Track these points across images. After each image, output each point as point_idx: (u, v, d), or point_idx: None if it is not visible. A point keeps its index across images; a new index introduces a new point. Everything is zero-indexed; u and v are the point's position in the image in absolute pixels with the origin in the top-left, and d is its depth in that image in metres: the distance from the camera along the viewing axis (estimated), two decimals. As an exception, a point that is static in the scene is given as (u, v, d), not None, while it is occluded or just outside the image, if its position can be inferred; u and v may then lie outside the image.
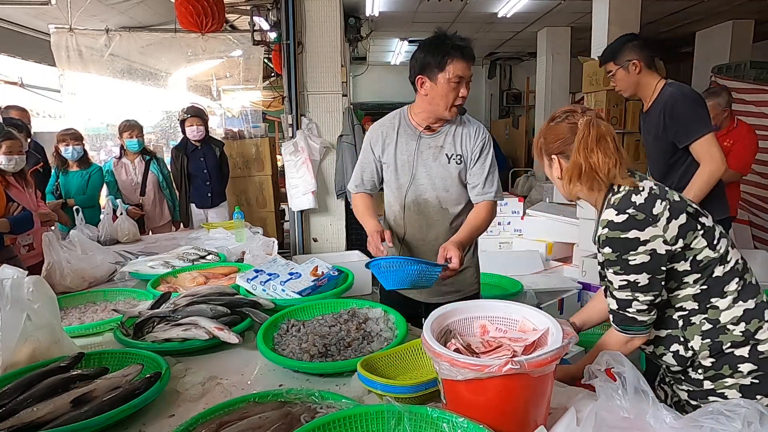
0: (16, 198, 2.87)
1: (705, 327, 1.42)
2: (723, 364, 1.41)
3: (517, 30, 8.95)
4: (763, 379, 1.39)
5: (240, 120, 5.80)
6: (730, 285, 1.42)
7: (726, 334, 1.40)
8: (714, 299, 1.42)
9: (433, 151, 2.03)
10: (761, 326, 1.40)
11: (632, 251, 1.35)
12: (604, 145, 1.41)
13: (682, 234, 1.38)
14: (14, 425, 1.13)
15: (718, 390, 1.43)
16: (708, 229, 1.42)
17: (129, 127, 4.22)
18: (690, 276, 1.42)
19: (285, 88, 4.78)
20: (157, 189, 4.38)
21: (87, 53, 5.12)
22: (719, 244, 1.42)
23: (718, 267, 1.42)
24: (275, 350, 1.54)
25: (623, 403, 1.04)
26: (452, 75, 1.87)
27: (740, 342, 1.40)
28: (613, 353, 1.12)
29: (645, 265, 1.35)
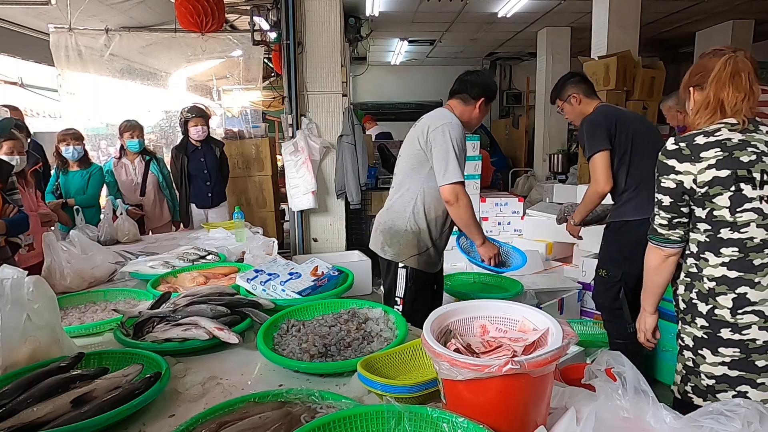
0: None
1: (691, 269, 1.64)
2: (688, 312, 1.65)
3: (517, 30, 8.95)
4: (710, 336, 1.59)
5: (240, 120, 5.79)
6: (728, 250, 1.55)
7: (700, 282, 1.61)
8: (708, 253, 1.59)
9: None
10: (726, 294, 1.56)
11: (665, 175, 1.59)
12: (736, 81, 1.54)
13: (713, 184, 1.52)
14: (14, 425, 1.12)
15: (681, 333, 1.69)
16: (745, 198, 1.51)
17: (130, 127, 4.22)
18: (702, 224, 1.59)
19: (285, 88, 4.78)
20: (157, 189, 4.38)
21: (86, 53, 5.11)
22: (742, 215, 1.52)
23: (727, 230, 1.54)
24: (275, 350, 1.54)
25: (623, 403, 1.04)
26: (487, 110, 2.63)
27: (704, 296, 1.60)
28: (613, 353, 1.12)
29: (670, 189, 1.59)
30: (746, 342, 1.54)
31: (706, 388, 1.62)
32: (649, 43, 8.93)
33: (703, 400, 1.63)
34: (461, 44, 10.11)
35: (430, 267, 2.55)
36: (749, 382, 1.56)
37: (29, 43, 5.58)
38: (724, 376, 1.58)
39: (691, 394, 1.67)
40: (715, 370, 1.59)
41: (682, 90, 1.74)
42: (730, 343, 1.56)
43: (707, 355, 1.60)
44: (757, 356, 1.54)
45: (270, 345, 1.57)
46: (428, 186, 2.45)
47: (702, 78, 1.62)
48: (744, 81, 1.54)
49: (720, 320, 1.57)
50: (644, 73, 5.30)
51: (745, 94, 1.54)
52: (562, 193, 4.98)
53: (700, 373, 1.63)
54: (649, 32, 8.32)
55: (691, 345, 1.64)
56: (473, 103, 2.51)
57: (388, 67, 12.01)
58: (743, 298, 1.54)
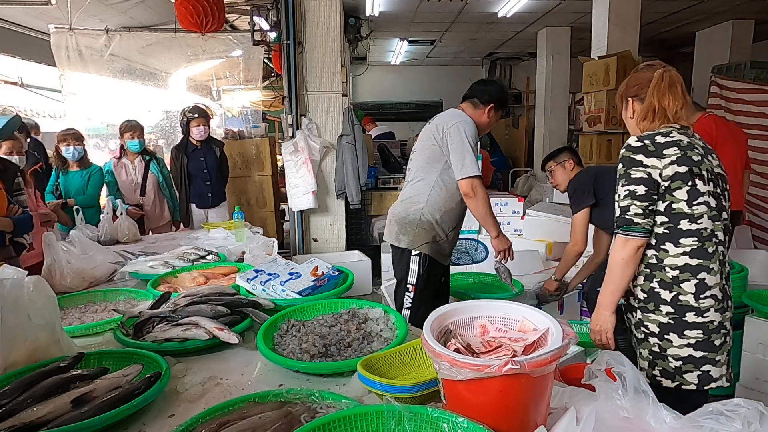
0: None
1: (651, 261, 1.76)
2: (650, 300, 1.76)
3: (517, 30, 8.95)
4: (676, 321, 1.72)
5: (240, 120, 5.79)
6: (687, 240, 1.71)
7: (661, 272, 1.74)
8: (668, 244, 1.73)
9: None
10: (689, 280, 1.70)
11: (634, 167, 1.71)
12: (674, 91, 1.73)
13: (673, 179, 1.68)
14: (14, 425, 1.13)
15: (645, 322, 1.78)
16: (698, 192, 1.69)
17: (130, 127, 4.21)
18: (661, 216, 1.73)
19: (285, 88, 4.78)
20: (157, 189, 4.37)
21: (87, 53, 5.11)
22: (697, 208, 1.69)
23: (685, 222, 1.70)
24: (275, 350, 1.54)
25: (623, 403, 1.04)
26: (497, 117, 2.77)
27: (667, 284, 1.73)
28: (613, 353, 1.12)
29: (642, 179, 1.70)
30: (707, 324, 1.71)
31: (674, 369, 1.75)
32: (649, 43, 8.94)
33: (672, 381, 1.76)
34: (461, 44, 10.11)
35: (441, 258, 2.68)
36: (710, 361, 1.72)
37: (29, 43, 5.58)
38: (689, 357, 1.73)
39: (659, 378, 1.78)
40: (681, 352, 1.73)
41: (619, 99, 1.91)
42: (695, 326, 1.71)
43: (674, 339, 1.73)
44: (715, 336, 1.72)
45: (270, 345, 1.57)
46: (442, 179, 2.59)
47: (639, 89, 1.80)
48: (680, 91, 1.74)
49: (685, 305, 1.72)
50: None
51: (683, 102, 1.74)
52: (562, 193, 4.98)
53: (667, 357, 1.76)
54: (649, 32, 8.33)
55: (657, 331, 1.76)
56: (482, 108, 2.66)
57: (388, 67, 12.02)
58: (703, 283, 1.70)
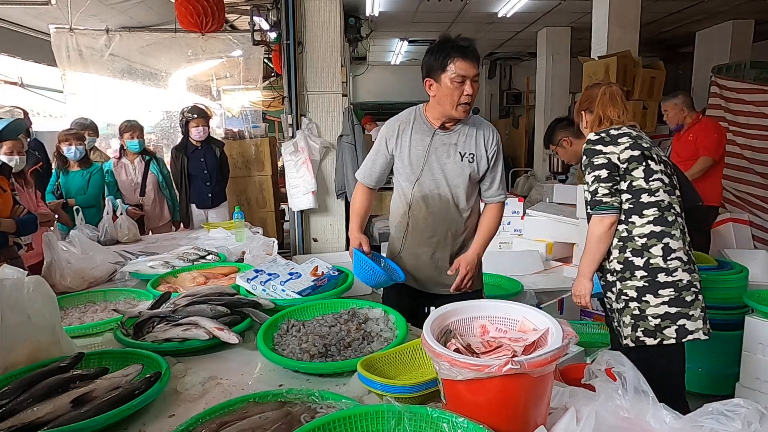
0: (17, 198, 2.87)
1: (623, 234, 2.07)
2: (626, 269, 2.06)
3: (517, 30, 8.95)
4: (651, 282, 2.01)
5: (240, 120, 5.79)
6: (649, 210, 2.03)
7: (632, 242, 2.05)
8: (634, 216, 2.05)
9: (447, 149, 2.09)
10: (656, 245, 2.02)
11: (595, 156, 2.08)
12: (614, 102, 2.18)
13: (630, 161, 2.05)
14: (14, 425, 1.12)
15: (624, 290, 2.06)
16: (652, 171, 2.06)
17: (130, 127, 4.22)
18: (625, 194, 2.07)
19: (285, 88, 4.78)
20: (157, 189, 4.37)
21: (87, 53, 5.11)
22: (653, 183, 2.05)
23: (645, 195, 2.04)
24: (275, 350, 1.54)
25: (623, 403, 1.04)
26: (455, 74, 1.94)
27: (638, 251, 2.04)
28: (613, 353, 1.12)
29: (604, 164, 2.06)
30: (677, 282, 2.00)
31: (654, 327, 2.02)
32: (649, 43, 8.93)
33: (654, 339, 2.02)
34: (461, 44, 10.10)
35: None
36: (684, 316, 2.00)
37: (29, 43, 5.58)
38: (666, 314, 2.00)
39: (643, 338, 2.04)
40: (658, 310, 2.01)
41: (576, 114, 2.36)
42: (666, 285, 2.00)
43: (650, 299, 2.01)
44: (686, 293, 2.00)
45: (270, 345, 1.57)
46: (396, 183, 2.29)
47: (590, 103, 2.24)
48: (620, 101, 2.17)
49: (656, 267, 2.01)
50: (644, 73, 5.29)
51: (623, 110, 2.17)
52: (562, 193, 4.98)
53: (647, 317, 2.02)
54: (649, 32, 8.32)
55: (635, 296, 2.04)
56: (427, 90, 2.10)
57: (388, 67, 12.01)
58: (668, 247, 2.01)
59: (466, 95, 1.96)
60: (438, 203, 2.11)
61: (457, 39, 1.98)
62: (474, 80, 1.98)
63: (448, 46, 1.96)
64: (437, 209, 2.12)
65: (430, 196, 2.11)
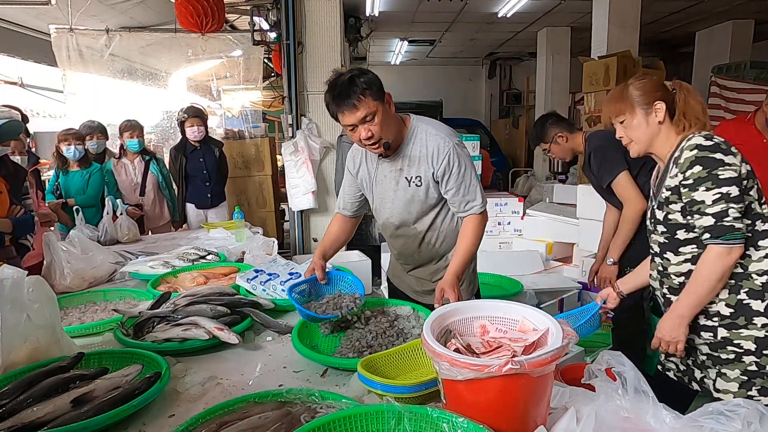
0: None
1: (736, 269, 1.58)
2: (739, 315, 1.58)
3: (517, 30, 8.95)
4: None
5: (240, 120, 5.78)
6: (764, 242, 1.59)
7: (748, 280, 1.58)
8: (750, 248, 1.59)
9: (394, 176, 1.93)
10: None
11: (720, 167, 1.53)
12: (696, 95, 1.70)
13: (748, 177, 1.57)
14: (14, 425, 1.13)
15: (735, 340, 1.59)
16: (760, 190, 1.61)
17: (130, 127, 4.21)
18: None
19: (285, 88, 4.77)
20: (157, 189, 4.36)
21: (87, 53, 5.11)
22: (765, 207, 1.61)
23: (759, 222, 1.59)
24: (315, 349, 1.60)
25: (623, 403, 1.04)
26: (344, 125, 1.79)
27: (757, 292, 1.57)
28: (614, 353, 1.12)
29: (733, 179, 1.53)
30: None
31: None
32: (649, 43, 8.93)
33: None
34: (461, 44, 10.11)
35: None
36: None
37: (29, 43, 5.58)
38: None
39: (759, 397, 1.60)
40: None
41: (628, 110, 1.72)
42: None
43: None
44: None
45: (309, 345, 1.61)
46: None
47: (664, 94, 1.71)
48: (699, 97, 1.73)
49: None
50: (644, 73, 5.30)
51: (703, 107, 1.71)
52: (562, 193, 4.98)
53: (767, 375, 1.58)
54: (649, 32, 8.32)
55: (754, 348, 1.57)
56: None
57: (388, 67, 12.01)
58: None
59: (364, 140, 1.78)
60: (398, 230, 2.02)
61: (335, 84, 1.73)
62: (366, 121, 1.73)
63: (328, 96, 1.77)
64: (400, 234, 2.03)
65: (389, 224, 2.02)
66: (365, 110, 1.71)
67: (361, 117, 1.72)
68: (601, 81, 5.42)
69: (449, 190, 1.88)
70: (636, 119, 1.69)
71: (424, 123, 1.91)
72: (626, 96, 1.71)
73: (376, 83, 1.74)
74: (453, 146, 1.85)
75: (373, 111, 1.72)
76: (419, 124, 1.90)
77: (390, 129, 1.80)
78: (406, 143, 1.88)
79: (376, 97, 1.73)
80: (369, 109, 1.72)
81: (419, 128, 1.89)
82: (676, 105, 1.68)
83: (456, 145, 1.87)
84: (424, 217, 1.97)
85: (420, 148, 1.87)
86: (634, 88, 1.71)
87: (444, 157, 1.84)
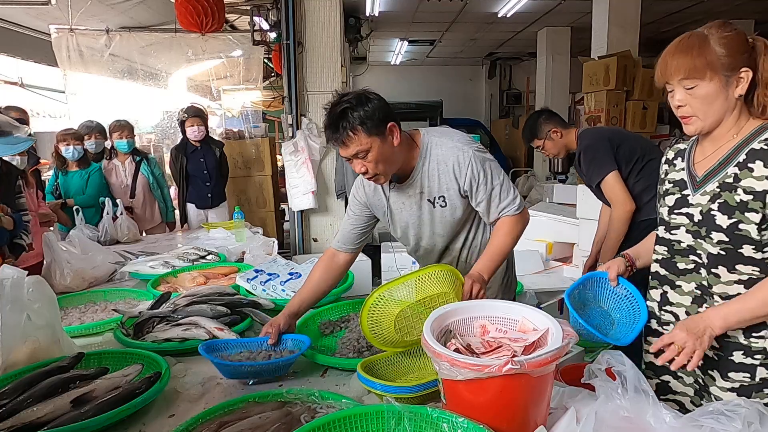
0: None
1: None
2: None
3: (517, 30, 8.95)
4: None
5: (240, 120, 5.78)
6: None
7: None
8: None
9: (415, 200, 1.78)
10: None
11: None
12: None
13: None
14: (14, 425, 1.13)
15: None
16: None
17: (119, 127, 4.12)
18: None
19: (285, 88, 4.77)
20: (147, 190, 4.25)
21: (87, 53, 5.10)
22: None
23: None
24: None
25: (623, 403, 1.04)
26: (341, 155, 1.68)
27: None
28: (613, 353, 1.11)
29: None
30: None
31: None
32: (649, 43, 8.91)
33: None
34: (461, 44, 10.11)
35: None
36: None
37: (29, 43, 5.57)
38: None
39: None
40: None
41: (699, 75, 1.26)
42: None
43: None
44: None
45: None
46: None
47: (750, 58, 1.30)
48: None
49: None
50: (644, 73, 5.30)
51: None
52: (562, 193, 4.98)
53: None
54: (649, 32, 8.30)
55: None
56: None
57: (388, 67, 12.00)
58: None
59: (360, 173, 1.67)
60: (430, 254, 1.90)
61: (329, 113, 1.61)
62: (358, 157, 1.61)
63: (325, 124, 1.64)
64: (433, 257, 1.91)
65: (420, 247, 1.90)
66: (356, 147, 1.57)
67: (353, 153, 1.59)
68: (601, 81, 5.42)
69: (480, 202, 1.72)
70: (712, 87, 1.25)
71: (437, 136, 1.75)
72: (708, 51, 1.25)
73: (373, 117, 1.57)
74: (473, 154, 1.69)
75: (365, 148, 1.57)
76: (431, 139, 1.74)
77: (391, 163, 1.65)
78: (421, 163, 1.72)
79: (372, 133, 1.56)
80: (360, 146, 1.57)
81: (432, 143, 1.73)
82: (757, 75, 1.26)
83: (476, 151, 1.71)
84: (456, 236, 1.84)
85: (438, 164, 1.71)
86: (719, 42, 1.26)
87: (467, 168, 1.68)
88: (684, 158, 1.43)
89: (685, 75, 1.26)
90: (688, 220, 1.36)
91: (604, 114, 5.46)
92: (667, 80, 1.30)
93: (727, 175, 1.29)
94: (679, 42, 1.30)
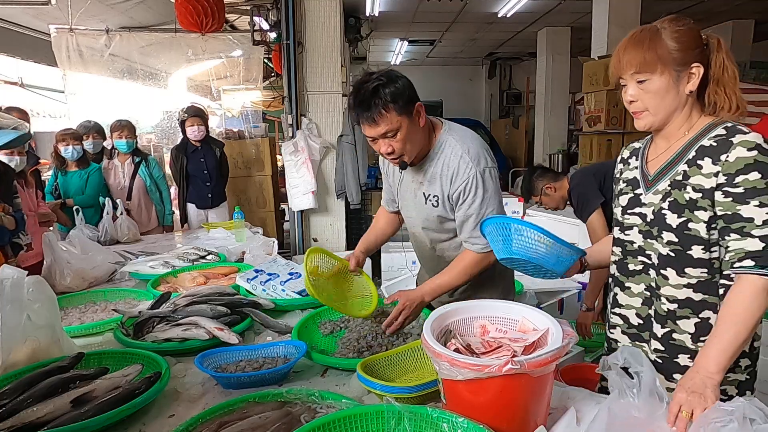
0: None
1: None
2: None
3: (517, 30, 8.95)
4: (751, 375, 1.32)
5: (240, 120, 5.78)
6: None
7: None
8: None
9: (414, 187, 1.80)
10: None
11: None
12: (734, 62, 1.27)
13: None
14: (14, 425, 1.13)
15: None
16: None
17: (119, 127, 4.10)
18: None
19: (285, 88, 4.77)
20: (144, 193, 4.22)
21: (87, 53, 5.10)
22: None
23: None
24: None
25: (636, 401, 1.03)
26: (365, 134, 1.66)
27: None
28: (632, 350, 1.05)
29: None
30: None
31: None
32: (649, 43, 8.92)
33: None
34: (461, 44, 10.12)
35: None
36: None
37: (29, 43, 5.57)
38: None
39: None
40: None
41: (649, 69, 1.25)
42: None
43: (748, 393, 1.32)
44: None
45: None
46: None
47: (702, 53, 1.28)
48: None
49: None
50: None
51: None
52: (562, 193, 4.98)
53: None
54: (649, 32, 8.33)
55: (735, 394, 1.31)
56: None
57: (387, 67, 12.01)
58: None
59: (384, 153, 1.65)
60: (417, 238, 1.93)
61: (358, 91, 1.58)
62: (386, 136, 1.59)
63: (351, 100, 1.62)
64: (417, 246, 1.97)
65: (411, 233, 1.94)
66: (386, 126, 1.56)
67: (382, 132, 1.57)
68: (601, 81, 5.42)
69: (457, 218, 1.72)
70: (663, 82, 1.23)
71: (455, 138, 1.70)
72: (659, 45, 1.23)
73: (404, 95, 1.57)
74: (476, 174, 1.64)
75: (395, 127, 1.56)
76: (448, 138, 1.70)
77: (415, 144, 1.65)
78: (431, 157, 1.71)
79: (401, 112, 1.56)
80: (391, 126, 1.56)
81: (447, 143, 1.69)
82: (709, 72, 1.26)
83: (482, 172, 1.65)
84: (441, 235, 1.83)
85: (442, 166, 1.69)
86: (671, 37, 1.23)
87: (462, 182, 1.65)
88: (638, 157, 1.42)
89: (636, 69, 1.24)
90: (641, 220, 1.35)
91: (604, 114, 5.46)
92: (620, 74, 1.29)
93: (677, 173, 1.27)
94: (631, 36, 1.28)
